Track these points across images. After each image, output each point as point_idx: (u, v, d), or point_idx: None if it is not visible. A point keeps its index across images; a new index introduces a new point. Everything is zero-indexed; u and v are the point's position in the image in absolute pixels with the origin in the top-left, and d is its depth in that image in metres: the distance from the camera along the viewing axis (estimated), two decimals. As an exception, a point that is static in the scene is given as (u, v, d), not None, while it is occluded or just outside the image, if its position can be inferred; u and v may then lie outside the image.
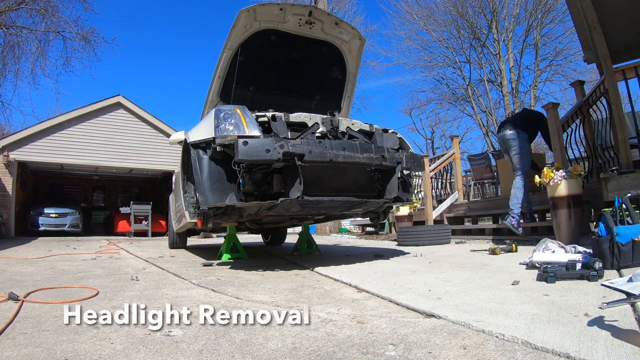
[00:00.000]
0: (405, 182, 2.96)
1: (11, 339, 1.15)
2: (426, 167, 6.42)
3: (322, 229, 11.74)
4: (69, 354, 1.03)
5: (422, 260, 3.17)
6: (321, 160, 2.43)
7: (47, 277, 2.42)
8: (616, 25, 3.89)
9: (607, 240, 2.13)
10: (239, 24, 2.99)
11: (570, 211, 3.41)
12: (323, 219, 3.77)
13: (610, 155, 3.93)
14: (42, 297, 1.75)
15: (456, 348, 1.06)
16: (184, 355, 1.03)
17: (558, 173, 3.44)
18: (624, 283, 1.57)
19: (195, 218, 2.96)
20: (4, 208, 9.78)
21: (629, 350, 0.98)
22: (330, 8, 14.92)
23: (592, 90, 4.13)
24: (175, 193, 4.38)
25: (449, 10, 18.43)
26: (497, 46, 18.24)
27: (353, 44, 3.43)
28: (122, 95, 11.60)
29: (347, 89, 3.69)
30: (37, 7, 13.20)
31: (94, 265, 3.15)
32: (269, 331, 1.24)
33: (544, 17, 17.12)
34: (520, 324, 1.22)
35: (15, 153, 10.17)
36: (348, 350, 1.06)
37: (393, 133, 3.06)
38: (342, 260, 3.24)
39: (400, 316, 1.41)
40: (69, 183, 14.66)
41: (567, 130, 4.38)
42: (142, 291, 1.93)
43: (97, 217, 14.36)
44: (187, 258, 3.76)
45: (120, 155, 11.41)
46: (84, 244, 6.33)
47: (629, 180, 3.33)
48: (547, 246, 2.58)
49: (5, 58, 13.72)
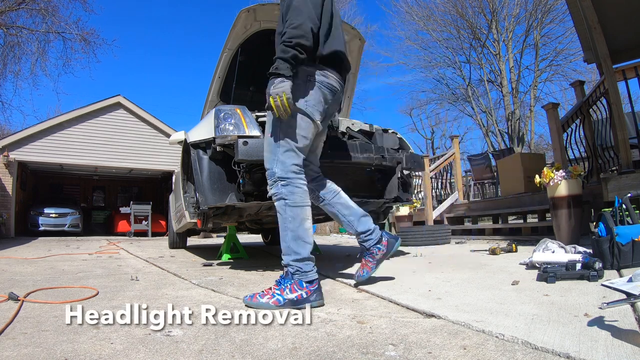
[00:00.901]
0: (405, 182, 2.97)
1: (11, 339, 1.15)
2: (426, 167, 6.42)
3: (322, 229, 11.75)
4: (69, 354, 1.03)
5: (422, 260, 3.17)
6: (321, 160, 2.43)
7: (47, 277, 2.42)
8: (616, 25, 3.89)
9: (607, 240, 2.13)
10: (239, 24, 2.99)
11: (570, 211, 3.41)
12: (323, 219, 3.77)
13: (610, 155, 3.93)
14: (42, 297, 1.75)
15: (456, 348, 1.06)
16: (184, 355, 1.03)
17: (558, 173, 3.44)
18: (624, 283, 1.57)
19: (195, 218, 2.97)
20: (4, 208, 9.78)
21: (629, 350, 0.98)
22: (330, 8, 14.89)
23: (592, 91, 4.14)
24: (175, 193, 4.38)
25: (448, 10, 18.45)
26: (497, 46, 18.24)
27: (353, 44, 3.44)
28: (122, 95, 11.61)
29: (347, 89, 3.69)
30: (37, 8, 13.22)
31: (94, 265, 3.15)
32: (269, 331, 1.25)
33: (544, 17, 17.13)
34: (520, 324, 1.22)
35: (15, 153, 10.18)
36: (348, 351, 1.06)
37: (393, 133, 3.07)
38: (342, 260, 3.24)
39: (400, 316, 1.41)
40: (69, 183, 14.66)
41: (567, 131, 4.38)
42: (142, 291, 1.93)
43: (97, 217, 14.38)
44: (187, 258, 3.76)
45: (120, 155, 11.41)
46: (84, 244, 6.33)
47: (629, 180, 3.34)
48: (547, 246, 2.58)
49: (5, 58, 13.73)
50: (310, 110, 1.77)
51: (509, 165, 5.62)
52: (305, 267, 1.64)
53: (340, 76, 1.90)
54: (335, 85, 1.87)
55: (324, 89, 1.82)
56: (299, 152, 1.73)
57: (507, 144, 17.93)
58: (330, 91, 1.85)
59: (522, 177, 5.14)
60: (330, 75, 1.85)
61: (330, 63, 1.86)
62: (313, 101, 1.78)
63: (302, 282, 1.61)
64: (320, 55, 1.82)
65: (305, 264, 1.65)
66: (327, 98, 1.84)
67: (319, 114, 1.81)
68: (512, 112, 17.92)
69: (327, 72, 1.84)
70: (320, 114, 1.82)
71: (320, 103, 1.81)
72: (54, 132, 10.66)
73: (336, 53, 1.87)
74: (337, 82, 1.88)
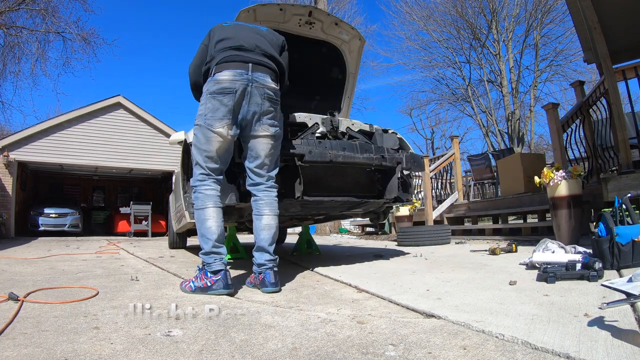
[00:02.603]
0: (405, 182, 2.96)
1: (11, 339, 1.15)
2: (426, 167, 6.42)
3: (322, 229, 11.75)
4: (69, 354, 1.03)
5: (422, 260, 3.17)
6: (321, 160, 2.43)
7: (47, 277, 2.42)
8: (616, 25, 3.89)
9: (607, 240, 2.13)
10: (238, 24, 2.99)
11: (570, 211, 3.41)
12: (323, 219, 3.77)
13: (610, 155, 3.93)
14: (42, 297, 1.75)
15: (456, 348, 1.06)
16: (184, 355, 1.03)
17: (558, 173, 3.44)
18: (624, 283, 1.57)
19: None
20: (4, 208, 9.78)
21: (629, 350, 0.98)
22: (330, 8, 14.94)
23: (592, 91, 4.13)
24: (175, 193, 4.38)
25: (448, 10, 18.45)
26: (497, 46, 18.24)
27: (353, 44, 3.44)
28: (122, 96, 11.60)
29: (347, 89, 3.69)
30: (37, 8, 13.21)
31: (94, 265, 3.15)
32: (269, 331, 1.24)
33: (544, 17, 17.13)
34: (520, 324, 1.22)
35: (15, 153, 10.18)
36: (348, 351, 1.06)
37: (393, 133, 3.06)
38: (342, 260, 3.25)
39: (400, 316, 1.41)
40: (69, 183, 14.66)
41: (567, 131, 4.38)
42: (142, 291, 1.93)
43: (97, 217, 14.36)
44: (187, 258, 3.76)
45: (120, 156, 11.41)
46: (83, 244, 6.33)
47: (629, 180, 3.34)
48: (547, 246, 2.58)
49: (5, 59, 13.72)
50: (208, 122, 1.90)
51: (509, 166, 5.62)
52: (209, 259, 1.86)
53: (236, 71, 1.92)
54: (226, 86, 1.90)
55: (217, 96, 1.90)
56: (204, 163, 1.94)
57: (507, 144, 17.94)
58: (224, 94, 1.90)
59: (522, 177, 5.14)
60: (223, 78, 1.91)
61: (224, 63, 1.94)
62: (210, 112, 1.90)
63: (207, 272, 1.85)
64: (210, 67, 1.96)
65: (209, 257, 1.87)
66: (224, 102, 1.90)
67: (218, 121, 1.90)
68: (512, 112, 17.92)
69: (218, 76, 1.92)
70: (219, 122, 1.90)
71: (217, 111, 1.90)
72: (54, 132, 10.65)
73: (223, 51, 1.97)
74: (230, 81, 1.90)
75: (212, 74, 1.93)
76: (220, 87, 1.89)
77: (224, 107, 1.90)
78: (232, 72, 1.91)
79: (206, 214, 1.91)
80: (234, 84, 1.90)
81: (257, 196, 2.06)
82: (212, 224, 1.90)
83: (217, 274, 1.83)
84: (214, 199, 1.94)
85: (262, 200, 2.05)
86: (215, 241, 1.88)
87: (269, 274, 1.94)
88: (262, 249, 2.00)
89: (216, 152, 1.93)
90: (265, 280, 1.93)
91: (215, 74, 1.91)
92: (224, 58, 1.94)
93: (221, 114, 1.90)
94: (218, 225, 1.91)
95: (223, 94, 1.89)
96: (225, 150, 1.97)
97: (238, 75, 1.91)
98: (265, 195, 2.05)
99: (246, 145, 2.04)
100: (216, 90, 1.89)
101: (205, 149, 1.92)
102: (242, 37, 2.03)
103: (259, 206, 2.05)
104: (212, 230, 1.89)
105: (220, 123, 1.90)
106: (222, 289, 1.82)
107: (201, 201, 1.92)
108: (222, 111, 1.90)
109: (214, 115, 1.90)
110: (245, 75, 1.92)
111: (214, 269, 1.84)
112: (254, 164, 2.03)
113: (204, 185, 1.94)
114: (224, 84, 1.89)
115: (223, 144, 1.94)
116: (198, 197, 1.93)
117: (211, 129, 1.90)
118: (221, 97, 1.89)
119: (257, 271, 1.99)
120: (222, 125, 1.90)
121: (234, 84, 1.90)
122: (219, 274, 1.83)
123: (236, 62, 1.93)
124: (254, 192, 2.08)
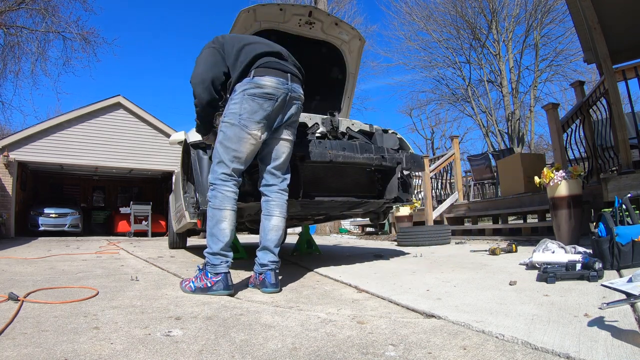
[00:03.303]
0: (405, 182, 2.96)
1: (11, 339, 1.15)
2: (426, 167, 6.42)
3: (322, 229, 11.75)
4: (69, 354, 1.03)
5: (422, 260, 3.17)
6: (321, 160, 2.43)
7: (47, 277, 2.42)
8: (616, 25, 3.89)
9: (607, 240, 2.13)
10: (238, 24, 2.99)
11: (570, 211, 3.41)
12: (323, 219, 3.77)
13: (610, 155, 3.93)
14: (42, 297, 1.75)
15: (456, 348, 1.06)
16: (184, 355, 1.03)
17: (558, 173, 3.44)
18: (624, 283, 1.57)
19: (195, 218, 2.97)
20: (4, 208, 9.78)
21: (629, 350, 0.98)
22: (330, 8, 14.95)
23: (592, 91, 4.14)
24: (175, 193, 4.38)
25: (448, 10, 18.47)
26: (497, 46, 18.25)
27: (353, 44, 3.44)
28: (122, 96, 11.60)
29: (347, 89, 3.69)
30: (37, 8, 13.23)
31: (94, 265, 3.15)
32: (269, 331, 1.24)
33: (544, 17, 17.14)
34: (520, 324, 1.22)
35: (15, 153, 10.18)
36: (348, 351, 1.06)
37: (393, 133, 3.06)
38: (342, 260, 3.25)
39: (400, 316, 1.41)
40: (69, 183, 14.66)
41: (567, 131, 4.38)
42: (142, 291, 1.93)
43: (97, 217, 14.37)
44: (187, 258, 3.76)
45: (120, 156, 11.41)
46: (83, 244, 6.33)
47: (629, 180, 3.34)
48: (547, 246, 2.58)
49: (5, 58, 13.74)
50: (243, 122, 1.87)
51: (509, 166, 5.62)
52: (215, 260, 1.85)
53: (279, 79, 1.93)
54: (269, 92, 1.89)
55: (258, 99, 1.88)
56: (230, 163, 1.90)
57: (507, 144, 17.95)
58: (265, 99, 1.89)
59: (522, 177, 5.14)
60: (266, 83, 1.89)
61: (263, 69, 1.92)
62: (247, 113, 1.87)
63: (208, 273, 1.85)
64: (241, 69, 1.92)
65: (215, 258, 1.86)
66: (263, 107, 1.89)
67: (255, 124, 1.88)
68: (512, 113, 17.93)
69: (260, 80, 1.89)
70: (256, 124, 1.88)
71: (256, 113, 1.88)
72: (54, 132, 10.66)
73: (261, 56, 1.94)
74: (274, 88, 1.90)
75: (251, 76, 1.90)
76: (263, 92, 1.89)
77: (262, 111, 1.89)
78: (275, 80, 1.92)
79: (223, 215, 1.89)
80: (277, 91, 1.91)
81: (268, 197, 2.06)
82: (226, 226, 1.88)
83: (218, 275, 1.83)
84: (232, 201, 1.92)
85: (274, 202, 2.05)
86: (225, 244, 1.87)
87: (269, 274, 1.94)
88: (268, 250, 1.99)
89: (245, 154, 1.92)
90: (265, 280, 1.93)
91: (256, 77, 1.89)
92: (265, 63, 1.93)
93: (259, 117, 1.89)
94: (232, 229, 1.90)
95: (264, 99, 1.89)
96: (252, 152, 1.96)
97: (280, 85, 1.93)
98: (277, 197, 2.06)
99: (267, 146, 2.03)
100: (257, 93, 1.88)
101: (235, 148, 1.89)
102: (272, 44, 2.05)
103: (270, 207, 2.04)
104: (225, 232, 1.87)
105: (257, 125, 1.89)
106: (223, 290, 1.82)
107: (220, 201, 1.89)
108: (260, 114, 1.89)
109: (251, 117, 1.87)
110: (286, 85, 1.95)
111: (217, 270, 1.84)
112: (273, 164, 2.04)
113: (226, 186, 1.91)
114: (267, 89, 1.89)
115: (254, 147, 1.93)
116: (217, 197, 1.90)
117: (246, 130, 1.88)
118: (262, 100, 1.89)
119: (258, 271, 1.98)
120: (258, 128, 1.90)
121: (277, 91, 1.91)
122: (220, 275, 1.83)
123: (276, 70, 1.94)
124: (266, 192, 2.07)
